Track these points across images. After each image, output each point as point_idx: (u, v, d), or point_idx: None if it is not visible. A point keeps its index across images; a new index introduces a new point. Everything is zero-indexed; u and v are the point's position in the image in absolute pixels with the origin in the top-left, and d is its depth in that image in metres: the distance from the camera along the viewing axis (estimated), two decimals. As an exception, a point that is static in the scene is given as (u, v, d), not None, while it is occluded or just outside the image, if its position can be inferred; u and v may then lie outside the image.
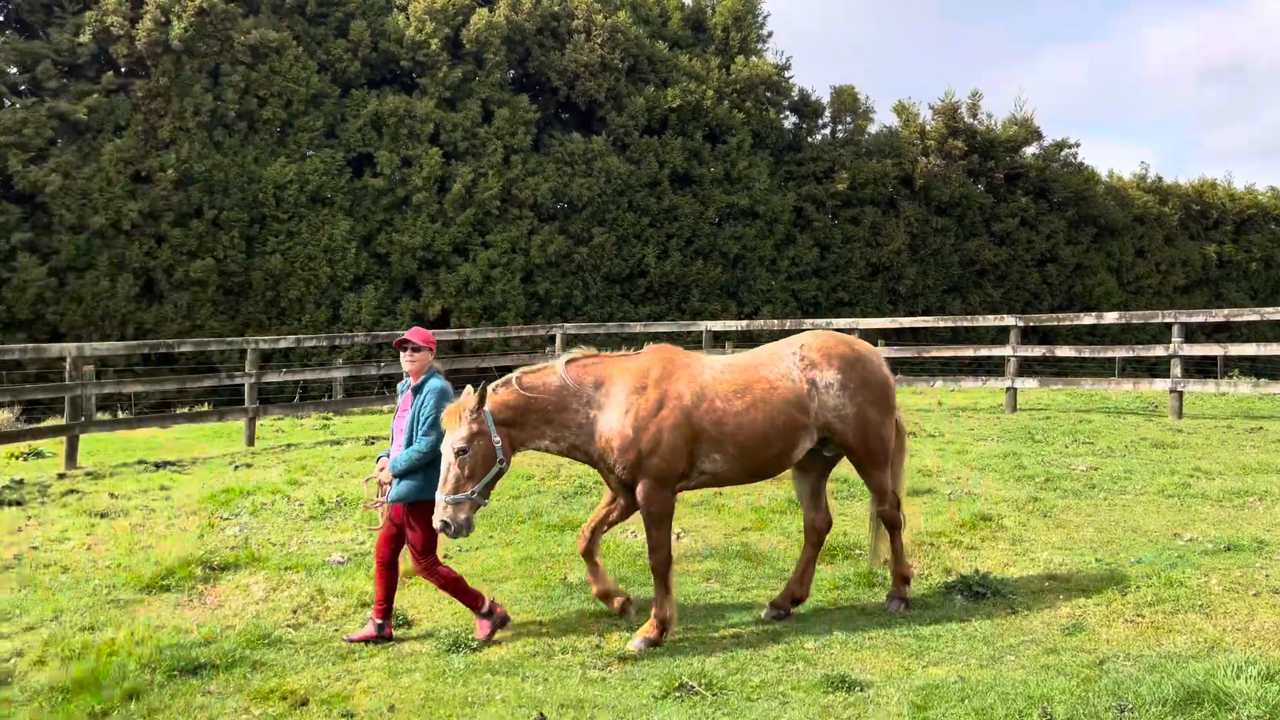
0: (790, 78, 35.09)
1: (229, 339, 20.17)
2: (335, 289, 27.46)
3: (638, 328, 19.10)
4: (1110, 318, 17.15)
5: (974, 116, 36.83)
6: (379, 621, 6.38)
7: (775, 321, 19.32)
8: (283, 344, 17.09)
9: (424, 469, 6.29)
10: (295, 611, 6.90)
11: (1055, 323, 17.43)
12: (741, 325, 19.64)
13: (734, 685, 5.47)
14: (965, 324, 17.66)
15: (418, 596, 7.16)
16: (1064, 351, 17.15)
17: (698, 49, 33.57)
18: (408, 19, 29.18)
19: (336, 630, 6.54)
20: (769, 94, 34.21)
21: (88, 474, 12.40)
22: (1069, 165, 37.87)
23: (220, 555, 8.09)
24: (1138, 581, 7.01)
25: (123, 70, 26.62)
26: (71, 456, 12.99)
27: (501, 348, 26.68)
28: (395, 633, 6.44)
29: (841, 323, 18.74)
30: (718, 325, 18.56)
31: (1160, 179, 40.57)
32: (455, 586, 6.43)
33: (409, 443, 6.38)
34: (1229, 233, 41.19)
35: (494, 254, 28.87)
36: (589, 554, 6.57)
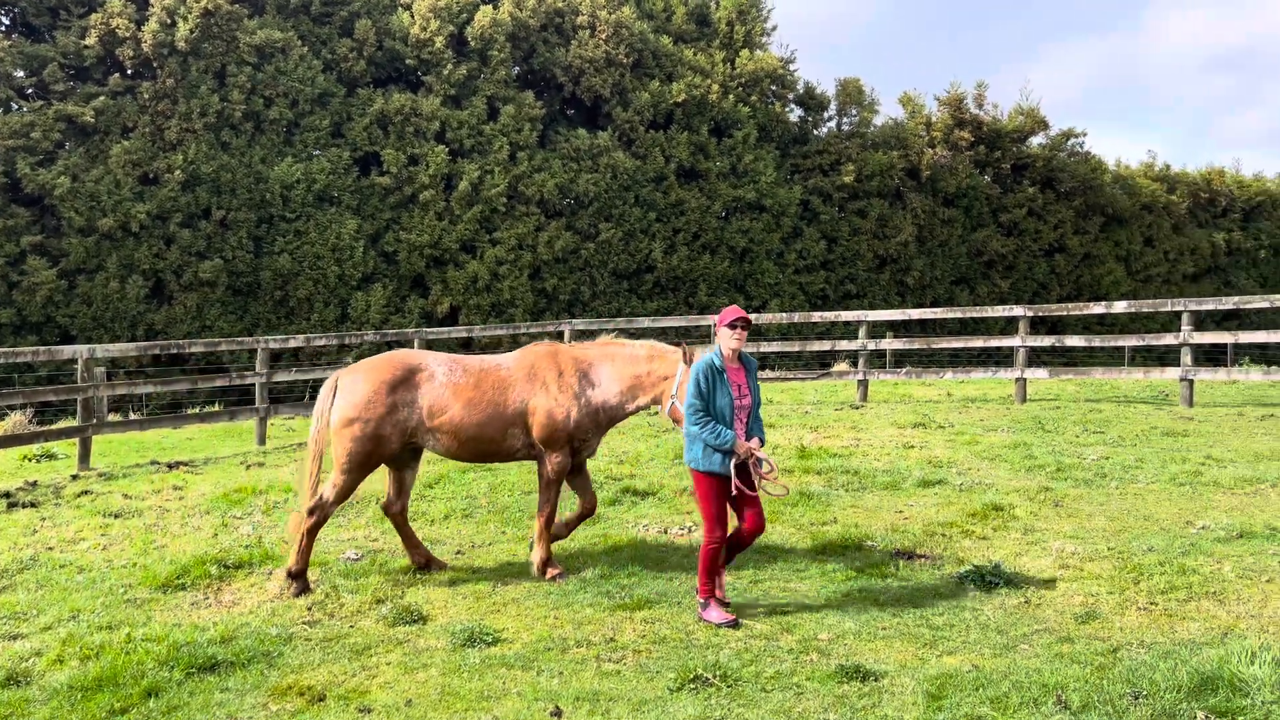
0: (795, 71, 35.09)
1: (239, 339, 20.24)
2: (343, 288, 27.54)
3: (645, 322, 19.11)
4: (1119, 307, 17.05)
5: (980, 107, 36.75)
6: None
7: (784, 315, 19.30)
8: (292, 343, 17.13)
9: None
10: (310, 609, 6.94)
11: (1064, 313, 17.35)
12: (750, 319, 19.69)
13: (749, 676, 5.49)
14: (974, 315, 17.54)
15: (431, 591, 7.20)
16: (1073, 341, 17.07)
17: (702, 43, 33.55)
18: (412, 17, 29.22)
19: (352, 627, 6.56)
20: (774, 87, 34.18)
21: (101, 475, 12.46)
22: (1076, 155, 37.77)
23: (234, 554, 8.15)
24: (1150, 570, 7.01)
25: (129, 72, 26.73)
26: (84, 458, 13.07)
27: (510, 344, 26.74)
28: (411, 629, 6.47)
29: (850, 315, 18.69)
30: (726, 319, 18.53)
31: (1168, 167, 40.52)
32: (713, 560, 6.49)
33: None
34: (1238, 220, 41.08)
35: (501, 251, 28.91)
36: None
